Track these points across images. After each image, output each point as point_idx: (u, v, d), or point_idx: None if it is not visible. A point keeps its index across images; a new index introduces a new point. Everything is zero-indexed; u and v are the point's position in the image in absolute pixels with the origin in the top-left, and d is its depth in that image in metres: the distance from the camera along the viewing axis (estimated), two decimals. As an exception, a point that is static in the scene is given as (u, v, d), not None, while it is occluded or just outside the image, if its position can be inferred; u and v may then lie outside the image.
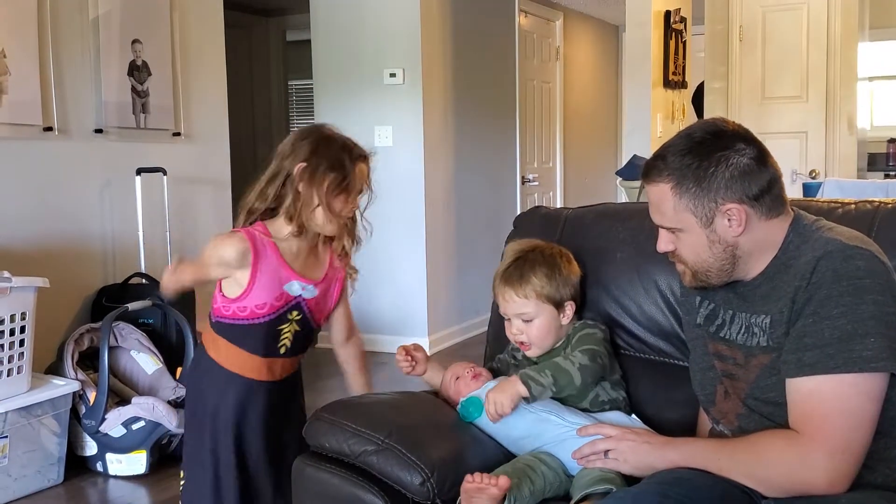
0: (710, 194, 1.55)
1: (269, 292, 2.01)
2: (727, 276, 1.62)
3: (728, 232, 1.57)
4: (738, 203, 1.55)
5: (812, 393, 1.46)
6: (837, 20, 6.17)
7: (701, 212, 1.57)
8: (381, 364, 5.20)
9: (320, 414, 1.91)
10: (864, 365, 1.43)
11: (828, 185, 4.26)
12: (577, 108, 7.90)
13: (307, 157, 1.98)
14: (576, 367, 1.82)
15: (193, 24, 4.50)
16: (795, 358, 1.49)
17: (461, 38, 5.77)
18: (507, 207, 6.47)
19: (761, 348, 1.58)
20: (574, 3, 7.40)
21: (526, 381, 1.79)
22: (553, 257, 1.95)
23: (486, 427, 1.89)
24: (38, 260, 3.66)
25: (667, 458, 1.59)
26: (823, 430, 1.44)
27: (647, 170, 1.63)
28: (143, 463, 3.39)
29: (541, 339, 1.93)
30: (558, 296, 1.91)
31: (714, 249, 1.59)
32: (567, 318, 1.94)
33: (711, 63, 6.63)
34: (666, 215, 1.61)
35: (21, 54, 3.60)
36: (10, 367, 3.12)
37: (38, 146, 3.73)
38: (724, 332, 1.67)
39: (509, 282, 1.93)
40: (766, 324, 1.57)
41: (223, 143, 4.73)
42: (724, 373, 1.68)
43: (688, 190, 1.56)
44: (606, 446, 1.66)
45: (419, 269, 5.42)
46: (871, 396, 1.44)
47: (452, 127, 5.72)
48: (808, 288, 1.49)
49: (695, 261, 1.62)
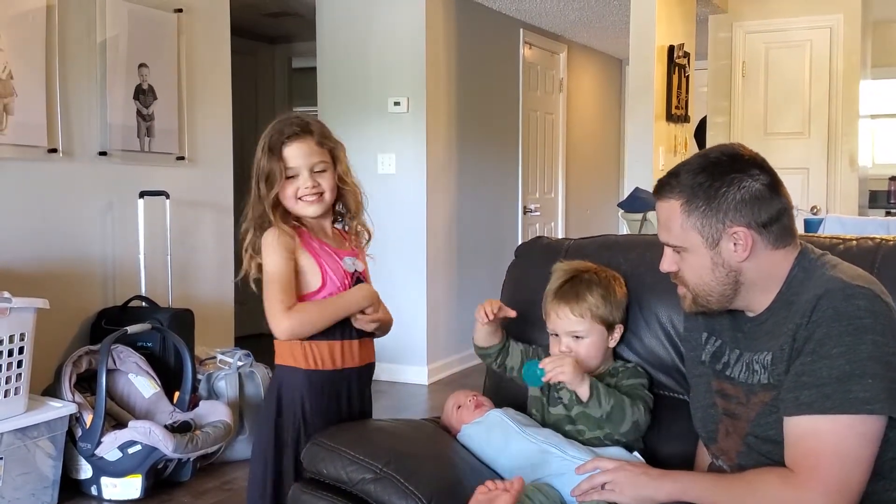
0: (719, 215, 1.54)
1: (336, 271, 2.04)
2: (728, 303, 1.61)
3: (733, 256, 1.56)
4: (746, 227, 1.54)
5: (808, 433, 1.45)
6: (840, 58, 6.23)
7: (708, 232, 1.56)
8: (380, 392, 5.19)
9: (319, 440, 1.90)
10: (861, 406, 1.41)
11: (829, 222, 4.27)
12: (580, 140, 7.93)
13: (258, 155, 2.03)
14: (632, 420, 1.84)
15: (200, 50, 4.53)
16: (793, 396, 1.47)
17: (465, 68, 5.81)
18: (508, 237, 6.48)
19: (762, 386, 1.57)
20: (578, 37, 7.46)
21: (592, 389, 1.82)
22: (608, 279, 1.96)
23: (486, 455, 1.89)
24: (38, 281, 3.66)
25: (663, 490, 1.59)
26: (818, 471, 1.43)
27: (658, 187, 1.63)
28: (137, 487, 3.37)
29: (588, 359, 1.93)
30: (611, 317, 1.93)
31: (717, 273, 1.58)
32: (615, 342, 1.96)
33: (714, 98, 6.68)
34: (672, 232, 1.60)
35: (28, 76, 3.62)
36: (8, 389, 3.10)
37: (42, 167, 3.74)
38: (729, 371, 1.66)
39: (565, 298, 1.93)
40: (768, 360, 1.55)
41: (227, 168, 4.74)
42: (725, 411, 1.66)
43: (697, 208, 1.56)
44: (604, 479, 1.65)
45: (419, 298, 5.41)
46: (867, 438, 1.43)
47: (455, 156, 5.74)
48: (809, 326, 1.47)
49: (696, 283, 1.61)
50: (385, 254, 5.45)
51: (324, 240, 2.08)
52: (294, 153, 2.02)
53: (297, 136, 2.02)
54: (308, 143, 2.03)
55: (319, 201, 2.04)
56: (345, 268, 2.07)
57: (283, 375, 2.07)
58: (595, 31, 7.19)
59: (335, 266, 2.05)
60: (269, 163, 2.00)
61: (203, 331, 4.15)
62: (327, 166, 2.05)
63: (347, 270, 2.07)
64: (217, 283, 4.63)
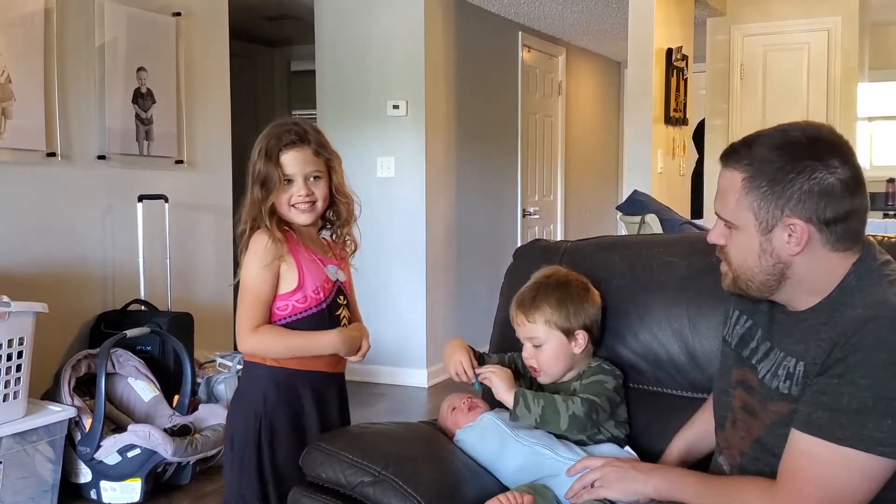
0: (780, 201, 1.42)
1: (317, 276, 2.06)
2: (768, 293, 1.51)
3: (785, 248, 1.44)
4: (805, 221, 1.42)
5: (806, 452, 1.40)
6: (838, 60, 6.24)
7: (763, 216, 1.44)
8: (379, 395, 5.20)
9: (317, 444, 1.91)
10: (872, 446, 1.33)
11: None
12: (579, 143, 7.94)
13: (254, 157, 2.05)
14: (567, 414, 1.81)
15: (199, 53, 4.53)
16: (807, 412, 1.41)
17: (464, 71, 5.81)
18: (507, 240, 6.48)
19: (780, 395, 1.49)
20: (577, 39, 7.46)
21: (517, 398, 1.82)
22: (567, 284, 1.94)
23: (482, 460, 1.89)
24: (37, 285, 3.66)
25: (651, 484, 1.60)
26: (801, 494, 1.39)
27: (727, 152, 1.50)
28: (137, 491, 3.37)
29: (549, 366, 1.92)
30: (567, 324, 1.91)
31: (763, 260, 1.47)
32: (580, 348, 1.92)
33: (712, 100, 6.69)
34: (727, 206, 1.50)
35: (26, 80, 3.62)
36: (7, 393, 3.10)
37: (40, 171, 3.74)
38: (755, 361, 1.57)
39: (521, 306, 1.94)
40: (798, 371, 1.46)
41: (226, 172, 4.75)
42: (744, 405, 1.59)
43: (759, 187, 1.44)
44: (593, 477, 1.67)
45: (419, 301, 5.41)
46: (865, 476, 1.35)
47: (454, 159, 5.74)
48: (846, 347, 1.37)
49: (740, 264, 1.50)
50: (384, 257, 5.48)
51: (310, 246, 2.10)
52: (290, 160, 2.03)
53: (294, 145, 2.03)
54: (304, 152, 2.04)
55: (312, 210, 2.06)
56: (328, 275, 2.08)
57: (248, 370, 2.14)
58: (593, 34, 7.20)
59: (317, 273, 2.07)
60: (265, 167, 2.02)
61: (202, 334, 4.15)
62: (322, 175, 2.07)
63: (330, 278, 2.09)
64: (216, 287, 4.63)
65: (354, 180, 2.22)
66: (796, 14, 6.30)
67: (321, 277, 2.07)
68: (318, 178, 2.06)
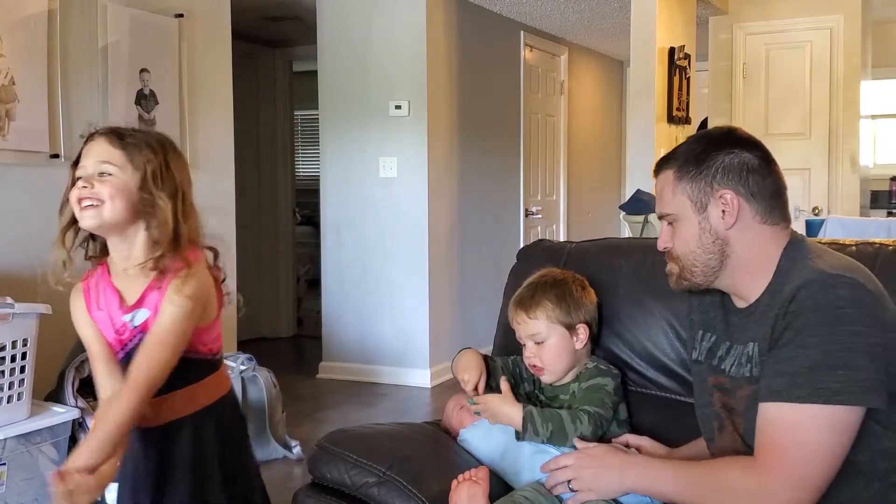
0: (708, 178, 1.57)
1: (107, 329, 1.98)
2: (713, 276, 1.60)
3: (720, 223, 1.56)
4: (734, 192, 1.56)
5: (775, 420, 1.45)
6: (840, 58, 6.23)
7: (696, 196, 1.58)
8: (381, 395, 5.20)
9: (322, 444, 1.91)
10: (831, 397, 1.40)
11: (830, 223, 4.27)
12: (581, 142, 7.93)
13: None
14: (576, 435, 1.82)
15: (201, 54, 4.53)
16: (766, 383, 1.47)
17: (466, 71, 5.81)
18: (510, 240, 6.48)
19: (746, 379, 1.56)
20: (579, 39, 7.46)
21: (525, 423, 1.81)
22: (564, 281, 1.97)
23: (487, 459, 1.89)
24: (40, 286, 3.65)
25: (627, 480, 1.62)
26: (780, 461, 1.43)
27: (657, 164, 1.66)
28: (141, 492, 3.36)
29: (553, 363, 1.93)
30: (569, 318, 1.92)
31: (704, 240, 1.58)
32: (581, 343, 1.94)
33: (715, 99, 6.69)
34: (665, 201, 1.63)
35: (30, 82, 3.62)
36: (10, 394, 3.10)
37: (44, 173, 3.74)
38: (723, 365, 1.65)
39: (521, 304, 1.95)
40: (753, 352, 1.55)
41: (229, 173, 4.74)
42: (724, 406, 1.65)
43: (687, 173, 1.59)
44: (566, 476, 1.68)
45: (422, 301, 5.41)
46: (834, 429, 1.41)
47: (457, 159, 5.74)
48: (787, 316, 1.46)
49: (684, 252, 1.61)
50: (387, 257, 5.48)
51: (115, 282, 1.89)
52: (90, 151, 1.86)
53: (94, 136, 1.86)
54: (101, 146, 1.82)
55: (96, 210, 1.78)
56: (124, 322, 1.88)
57: None
58: (596, 33, 7.20)
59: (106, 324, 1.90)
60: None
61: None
62: (120, 172, 1.80)
63: (127, 326, 1.88)
64: (219, 288, 4.62)
65: (357, 181, 2.22)
66: (798, 12, 6.29)
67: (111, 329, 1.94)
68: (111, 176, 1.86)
